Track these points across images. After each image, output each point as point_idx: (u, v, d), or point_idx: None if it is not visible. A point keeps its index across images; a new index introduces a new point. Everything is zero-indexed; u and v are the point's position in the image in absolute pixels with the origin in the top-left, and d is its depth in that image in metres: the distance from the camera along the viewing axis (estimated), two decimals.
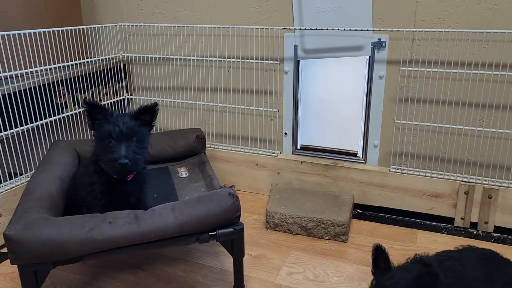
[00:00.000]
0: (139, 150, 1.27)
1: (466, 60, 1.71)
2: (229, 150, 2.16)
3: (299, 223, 1.76)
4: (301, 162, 2.01)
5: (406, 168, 1.88)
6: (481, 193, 1.74)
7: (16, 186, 1.74)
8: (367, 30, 1.80)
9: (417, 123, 1.83)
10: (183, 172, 1.77)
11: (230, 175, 2.17)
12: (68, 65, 1.99)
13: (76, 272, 1.55)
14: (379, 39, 1.81)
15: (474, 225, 1.79)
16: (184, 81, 2.22)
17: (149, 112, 1.31)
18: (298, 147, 2.11)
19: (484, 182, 1.76)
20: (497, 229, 1.76)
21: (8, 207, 1.69)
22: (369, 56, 1.85)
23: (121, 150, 1.22)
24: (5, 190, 1.69)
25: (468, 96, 1.74)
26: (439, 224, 1.85)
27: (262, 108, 2.09)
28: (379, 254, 1.29)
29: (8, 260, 1.14)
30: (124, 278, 1.52)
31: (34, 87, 1.79)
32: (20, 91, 1.73)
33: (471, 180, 1.78)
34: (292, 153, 2.10)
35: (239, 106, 2.13)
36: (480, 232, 1.78)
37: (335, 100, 2.03)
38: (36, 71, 1.86)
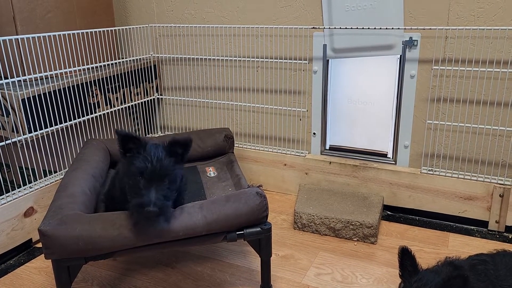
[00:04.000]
0: (169, 194, 1.17)
1: (502, 59, 1.65)
2: (257, 150, 2.16)
3: (327, 224, 1.75)
4: (330, 163, 1.99)
5: (438, 169, 1.84)
6: None
7: (50, 183, 1.79)
8: (398, 28, 1.77)
9: (450, 123, 1.78)
10: (211, 172, 1.79)
11: (258, 175, 2.18)
12: (100, 66, 2.04)
13: (107, 268, 1.58)
14: (411, 37, 1.77)
15: (509, 229, 1.73)
16: (213, 81, 2.23)
17: (182, 145, 1.22)
18: (327, 147, 2.09)
19: None
20: None
21: (43, 203, 1.75)
22: (400, 55, 1.82)
23: (151, 195, 1.11)
24: (40, 187, 1.75)
25: (504, 95, 1.68)
26: (472, 227, 1.80)
27: (290, 108, 2.08)
28: (405, 257, 1.26)
29: (43, 255, 1.18)
30: (153, 275, 1.54)
31: (68, 87, 1.85)
32: (55, 91, 1.79)
33: (506, 183, 1.72)
34: (321, 153, 2.08)
35: (267, 106, 2.13)
36: None
37: (364, 100, 2.00)
38: (70, 72, 1.92)
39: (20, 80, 1.71)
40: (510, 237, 1.73)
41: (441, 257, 1.33)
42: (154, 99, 2.37)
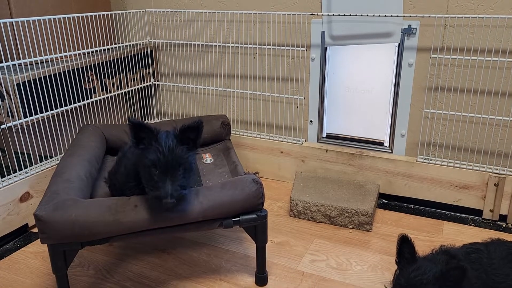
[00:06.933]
0: (185, 182, 1.17)
1: (501, 48, 1.65)
2: (254, 137, 2.16)
3: (323, 211, 1.76)
4: (326, 151, 1.99)
5: (434, 158, 1.84)
6: None
7: (46, 168, 1.79)
8: (397, 16, 1.76)
9: (447, 112, 1.78)
10: (207, 158, 1.79)
11: (254, 162, 2.18)
12: (96, 51, 2.02)
13: (103, 254, 1.59)
14: (410, 25, 1.76)
15: (503, 218, 1.75)
16: (210, 68, 2.22)
17: (194, 130, 1.19)
18: (324, 135, 2.09)
19: None
20: None
21: (39, 188, 1.74)
22: (399, 43, 1.81)
23: (167, 187, 1.12)
24: (36, 172, 1.74)
25: (502, 85, 1.68)
26: (467, 216, 1.81)
27: (287, 96, 2.08)
28: (404, 244, 1.27)
29: (39, 240, 1.18)
30: (150, 260, 1.55)
31: (64, 72, 1.83)
32: (50, 76, 1.77)
33: (501, 172, 1.73)
34: (318, 141, 2.08)
35: (264, 93, 2.12)
36: (509, 225, 1.74)
37: (362, 88, 1.99)
38: (66, 56, 1.90)
39: (15, 64, 1.70)
40: (504, 225, 1.74)
41: (435, 245, 1.34)
42: (150, 85, 2.35)
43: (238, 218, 1.29)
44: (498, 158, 1.77)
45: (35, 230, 1.74)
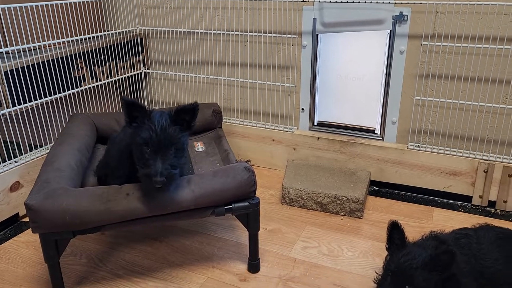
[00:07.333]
0: (176, 161, 1.17)
1: (491, 35, 1.65)
2: (245, 125, 2.16)
3: (314, 199, 1.77)
4: (318, 138, 2.00)
5: (425, 145, 1.86)
6: (501, 172, 1.71)
7: (36, 157, 1.77)
8: (389, 2, 1.75)
9: (437, 99, 1.79)
10: (199, 146, 1.78)
11: (246, 150, 2.18)
12: (85, 38, 1.99)
13: (95, 242, 1.59)
14: (401, 12, 1.76)
15: (492, 203, 1.77)
16: (201, 55, 2.20)
17: (189, 112, 1.19)
18: (315, 123, 2.10)
19: (504, 160, 1.72)
20: None
21: (29, 177, 1.73)
22: (390, 30, 1.81)
23: (157, 166, 1.12)
24: (26, 162, 1.73)
25: (492, 72, 1.69)
26: (456, 202, 1.83)
27: (279, 83, 2.07)
28: (394, 230, 1.29)
29: (30, 229, 1.17)
30: (142, 248, 1.55)
31: (52, 60, 1.81)
32: (38, 64, 1.75)
33: (491, 158, 1.74)
34: (309, 129, 2.08)
35: (256, 81, 2.11)
36: (498, 211, 1.76)
37: (353, 76, 1.99)
38: (54, 44, 1.87)
39: (2, 52, 1.67)
40: (493, 211, 1.76)
41: (425, 231, 1.36)
42: (140, 73, 2.33)
43: (230, 206, 1.30)
44: (487, 144, 1.78)
45: (26, 219, 1.73)
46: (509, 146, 1.75)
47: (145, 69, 2.34)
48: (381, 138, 1.95)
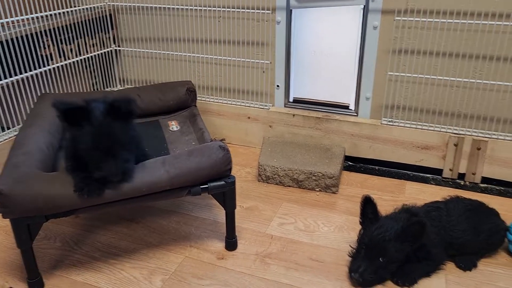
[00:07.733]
0: (128, 155, 1.16)
1: (462, 10, 1.67)
2: (220, 103, 2.14)
3: (290, 176, 1.78)
4: (293, 115, 2.00)
5: (398, 120, 1.89)
6: (470, 145, 1.76)
7: (4, 140, 1.72)
8: None
9: (410, 75, 1.81)
10: (174, 126, 1.76)
11: (221, 128, 2.16)
12: (51, 14, 1.91)
13: (70, 225, 1.57)
14: None
15: (462, 176, 1.82)
16: (174, 32, 2.15)
17: (124, 103, 1.14)
18: (291, 99, 2.09)
19: (473, 134, 1.77)
20: (484, 180, 1.80)
21: None
22: (364, 6, 1.80)
23: (110, 167, 1.12)
24: None
25: (463, 47, 1.71)
26: (428, 175, 1.88)
27: (253, 60, 2.05)
28: (367, 205, 1.32)
29: (0, 214, 1.14)
30: (118, 230, 1.54)
31: (17, 38, 1.73)
32: (2, 42, 1.67)
33: (460, 132, 1.79)
34: (284, 106, 2.08)
35: (230, 58, 2.09)
36: (467, 183, 1.82)
37: (328, 52, 1.99)
38: (18, 21, 1.79)
39: None
40: (462, 183, 1.82)
41: (398, 204, 1.39)
42: (111, 50, 2.27)
43: (206, 185, 1.29)
44: (458, 119, 1.82)
45: None
46: (478, 120, 1.79)
47: (116, 46, 2.27)
48: (356, 114, 1.97)
